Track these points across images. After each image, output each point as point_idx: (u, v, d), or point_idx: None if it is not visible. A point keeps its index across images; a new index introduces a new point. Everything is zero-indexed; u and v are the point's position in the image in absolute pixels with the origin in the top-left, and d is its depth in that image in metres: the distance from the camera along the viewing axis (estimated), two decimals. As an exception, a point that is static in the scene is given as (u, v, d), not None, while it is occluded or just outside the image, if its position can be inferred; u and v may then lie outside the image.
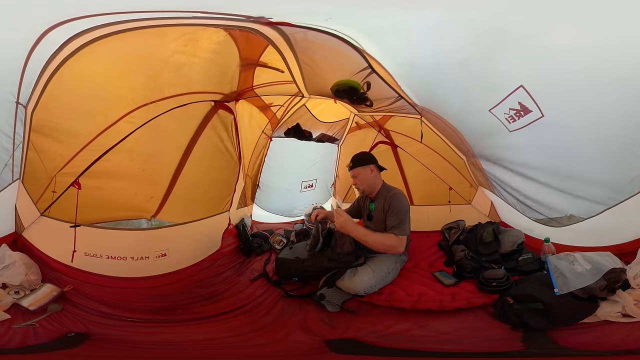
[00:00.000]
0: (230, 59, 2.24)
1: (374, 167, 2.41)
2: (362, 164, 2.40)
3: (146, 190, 2.46)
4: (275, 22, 1.66)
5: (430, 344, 1.69)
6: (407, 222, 2.23)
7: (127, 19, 1.57)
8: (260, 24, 1.72)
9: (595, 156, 1.76)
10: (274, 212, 3.92)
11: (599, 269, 1.61)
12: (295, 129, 3.53)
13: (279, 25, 1.70)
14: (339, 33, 1.66)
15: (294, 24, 1.66)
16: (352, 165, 2.43)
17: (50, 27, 1.49)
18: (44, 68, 1.69)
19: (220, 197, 2.85)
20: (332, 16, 1.53)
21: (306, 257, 2.27)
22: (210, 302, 2.18)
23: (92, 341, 1.65)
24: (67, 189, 2.13)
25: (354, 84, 2.29)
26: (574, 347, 1.49)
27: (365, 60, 1.91)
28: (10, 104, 1.74)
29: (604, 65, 1.41)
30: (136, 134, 2.17)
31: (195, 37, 1.96)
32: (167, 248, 2.41)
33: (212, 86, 2.43)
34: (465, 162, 3.02)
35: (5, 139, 1.83)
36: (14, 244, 2.06)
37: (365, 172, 2.38)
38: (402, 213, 2.21)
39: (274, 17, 1.60)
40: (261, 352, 1.69)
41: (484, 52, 1.55)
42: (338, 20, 1.57)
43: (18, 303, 1.75)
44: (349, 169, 2.45)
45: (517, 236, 2.39)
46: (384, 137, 3.78)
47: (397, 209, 2.22)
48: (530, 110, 1.66)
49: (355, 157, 2.47)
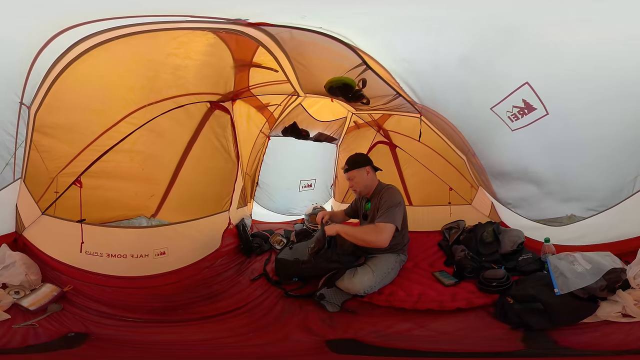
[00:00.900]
0: (223, 60, 2.26)
1: (370, 168, 2.39)
2: (357, 166, 2.37)
3: (146, 190, 2.49)
4: (254, 22, 1.65)
5: (431, 344, 1.69)
6: (396, 212, 2.14)
7: (124, 24, 1.59)
8: (241, 25, 1.71)
9: (597, 155, 1.76)
10: (273, 210, 3.93)
11: (599, 269, 1.61)
12: (292, 128, 3.53)
13: (258, 25, 1.69)
14: (325, 31, 1.63)
15: (274, 24, 1.65)
16: (348, 168, 2.39)
17: (58, 33, 1.53)
18: (49, 70, 1.73)
19: (219, 197, 2.86)
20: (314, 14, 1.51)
21: (306, 259, 2.24)
22: (210, 302, 2.18)
23: (92, 341, 1.64)
24: (69, 188, 2.15)
25: (348, 81, 2.24)
26: (574, 347, 1.49)
27: (359, 57, 1.89)
28: (14, 104, 1.76)
29: (607, 64, 1.41)
30: (136, 135, 2.20)
31: (186, 41, 2.00)
32: (167, 246, 2.42)
33: (208, 87, 2.46)
34: (466, 162, 3.02)
35: (8, 138, 1.84)
36: (14, 244, 2.07)
37: (361, 174, 2.36)
38: (390, 201, 2.17)
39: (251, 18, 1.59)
40: (261, 352, 1.69)
41: (485, 49, 1.54)
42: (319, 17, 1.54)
43: (18, 303, 1.75)
44: (345, 171, 2.42)
45: (517, 236, 2.39)
46: (383, 137, 3.77)
47: (386, 199, 2.20)
48: (534, 108, 1.65)
49: (350, 159, 2.43)
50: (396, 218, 2.11)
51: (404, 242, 2.36)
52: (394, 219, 2.09)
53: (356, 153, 2.55)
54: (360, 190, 2.41)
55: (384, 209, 2.15)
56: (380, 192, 2.31)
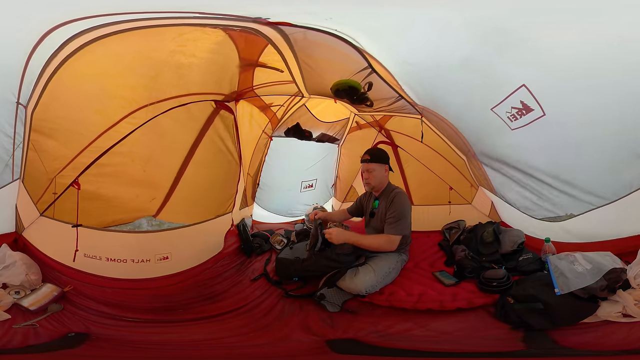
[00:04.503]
0: (229, 59, 2.23)
1: (388, 167, 2.43)
2: (380, 161, 2.39)
3: (147, 192, 2.45)
4: (275, 22, 1.66)
5: (431, 344, 1.69)
6: (405, 222, 2.23)
7: (127, 19, 1.57)
8: (260, 24, 1.72)
9: (595, 154, 1.76)
10: (274, 211, 3.92)
11: (600, 269, 1.61)
12: (295, 128, 3.53)
13: (278, 25, 1.70)
14: (339, 33, 1.66)
15: (294, 24, 1.66)
16: (369, 159, 2.38)
17: (52, 28, 1.49)
18: (43, 68, 1.69)
19: (223, 199, 2.84)
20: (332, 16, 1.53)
21: (306, 257, 2.27)
22: (211, 302, 2.18)
23: (93, 341, 1.65)
24: (67, 189, 2.12)
25: (354, 84, 2.28)
26: (575, 347, 1.49)
27: (366, 60, 1.91)
28: (11, 104, 1.74)
29: (604, 65, 1.41)
30: (138, 136, 2.16)
31: (193, 37, 1.95)
32: (170, 252, 2.39)
33: (212, 86, 2.42)
34: (466, 162, 3.02)
35: (6, 139, 1.84)
36: (15, 244, 2.07)
37: (380, 169, 2.38)
38: (401, 211, 2.23)
39: (272, 18, 1.60)
40: (261, 352, 1.69)
41: (486, 52, 1.55)
42: (338, 19, 1.56)
43: (18, 303, 1.75)
44: (364, 161, 2.40)
45: (517, 236, 2.39)
46: (384, 137, 3.78)
47: (397, 206, 2.24)
48: (532, 109, 1.67)
49: (374, 152, 2.44)
50: (404, 228, 2.24)
51: (406, 243, 2.37)
52: (401, 230, 2.22)
53: (379, 148, 2.58)
54: (373, 185, 2.41)
55: (396, 219, 2.21)
56: (390, 194, 2.33)
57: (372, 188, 2.46)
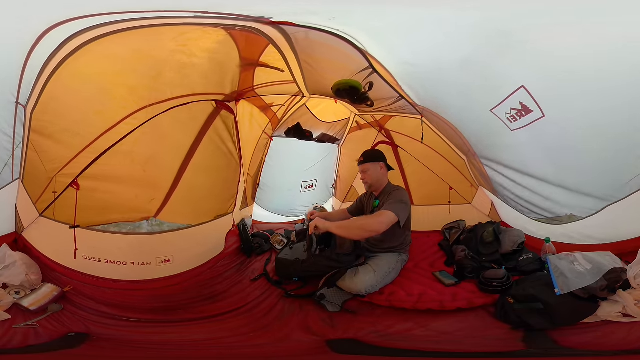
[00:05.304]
0: (230, 58, 2.22)
1: (384, 164, 2.44)
2: (373, 160, 2.43)
3: (147, 192, 2.44)
4: (277, 21, 1.66)
5: (431, 344, 1.69)
6: (401, 207, 2.14)
7: (127, 18, 1.56)
8: (262, 24, 1.71)
9: (594, 156, 1.77)
10: (274, 211, 3.92)
11: (600, 269, 1.61)
12: (295, 128, 3.53)
13: (280, 24, 1.70)
14: (341, 33, 1.66)
15: (296, 24, 1.66)
16: (363, 160, 2.45)
17: (50, 27, 1.48)
18: (42, 68, 1.69)
19: (223, 199, 2.83)
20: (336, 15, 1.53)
21: (305, 258, 2.26)
22: (211, 302, 2.18)
23: (93, 341, 1.65)
24: (66, 190, 2.11)
25: (355, 84, 2.29)
26: (575, 347, 1.49)
27: (367, 60, 1.91)
28: (10, 104, 1.74)
29: (606, 67, 1.41)
30: (137, 136, 2.15)
31: (194, 37, 1.94)
32: (172, 255, 2.38)
33: (213, 86, 2.41)
34: (466, 162, 3.02)
35: (6, 138, 1.83)
36: (15, 244, 2.07)
37: (375, 168, 2.41)
38: (399, 198, 2.21)
39: (275, 17, 1.60)
40: (261, 352, 1.69)
41: (487, 54, 1.55)
42: (342, 19, 1.56)
43: (18, 303, 1.75)
44: (359, 163, 2.47)
45: (517, 236, 2.39)
46: (384, 137, 3.78)
47: (394, 195, 2.25)
48: (531, 110, 1.67)
49: (367, 152, 2.51)
50: (399, 211, 2.10)
51: (406, 243, 2.37)
52: (396, 210, 2.08)
53: (373, 148, 2.61)
54: (371, 184, 2.44)
55: (390, 202, 2.19)
56: (389, 191, 2.35)
57: (370, 187, 2.47)
